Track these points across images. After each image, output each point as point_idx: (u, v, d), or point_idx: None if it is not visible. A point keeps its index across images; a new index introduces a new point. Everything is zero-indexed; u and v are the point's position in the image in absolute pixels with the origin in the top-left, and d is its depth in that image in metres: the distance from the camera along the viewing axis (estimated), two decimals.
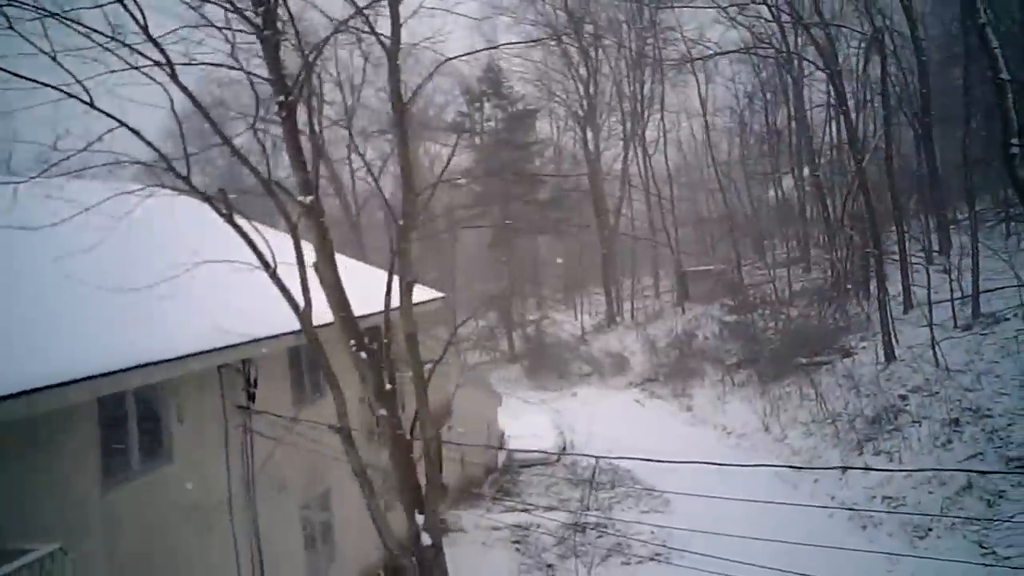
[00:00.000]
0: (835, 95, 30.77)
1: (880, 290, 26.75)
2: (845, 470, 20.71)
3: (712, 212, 49.22)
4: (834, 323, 30.68)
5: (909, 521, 17.16)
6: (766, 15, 35.89)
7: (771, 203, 46.82)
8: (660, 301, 48.35)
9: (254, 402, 11.67)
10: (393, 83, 9.90)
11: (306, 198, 9.03)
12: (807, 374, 26.51)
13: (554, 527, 18.08)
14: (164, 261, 8.97)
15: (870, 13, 32.75)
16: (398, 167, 10.73)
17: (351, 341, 9.58)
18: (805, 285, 37.78)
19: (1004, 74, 16.04)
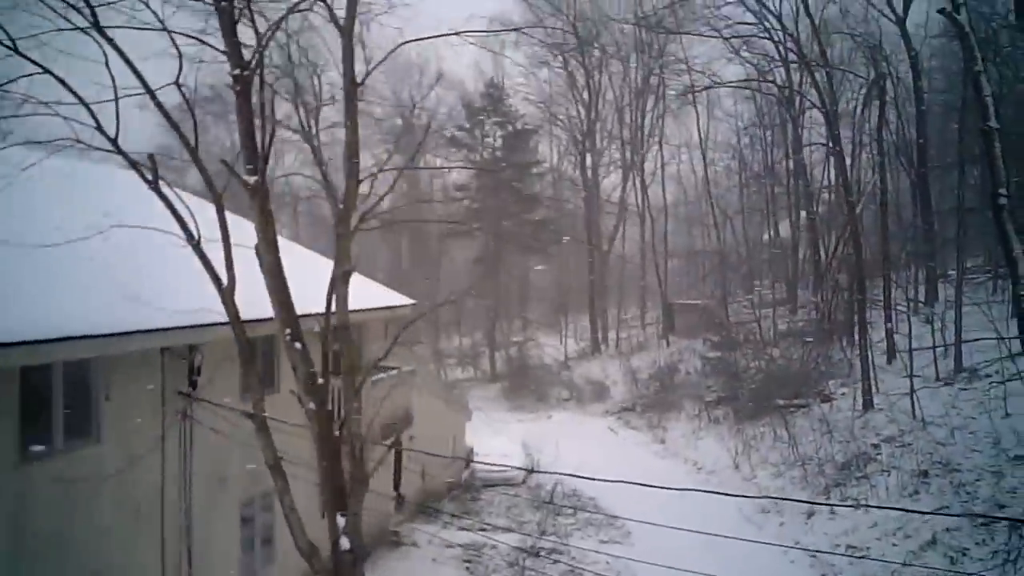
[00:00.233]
0: (831, 137, 30.61)
1: (862, 337, 26.49)
2: (811, 516, 20.51)
3: (705, 246, 49.06)
4: (816, 367, 30.39)
5: (873, 573, 16.85)
6: (772, 52, 35.97)
7: (764, 243, 46.66)
8: (645, 332, 48.06)
9: (196, 389, 11.33)
10: (347, 63, 9.65)
11: (251, 178, 8.73)
12: (783, 416, 26.20)
13: (508, 550, 17.63)
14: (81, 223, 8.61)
15: (875, 59, 32.85)
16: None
17: (287, 330, 9.24)
18: (791, 326, 37.54)
19: (992, 122, 15.91)
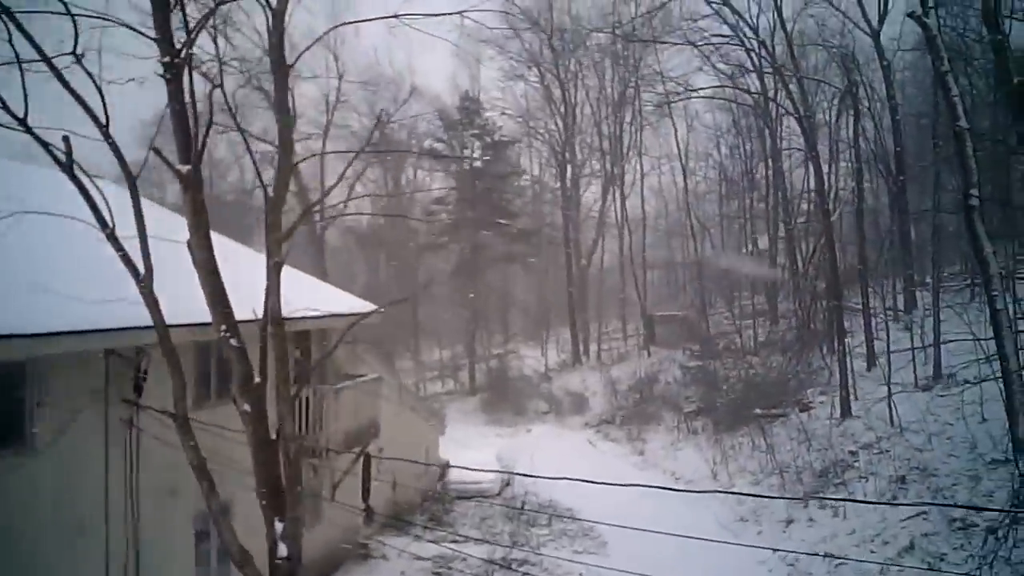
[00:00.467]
0: (807, 143, 30.55)
1: (840, 344, 26.32)
2: (789, 524, 20.21)
3: (685, 258, 48.91)
4: (795, 376, 30.20)
5: None
6: (747, 63, 36.00)
7: (744, 253, 46.57)
8: (626, 344, 47.79)
9: (141, 395, 10.87)
10: (276, 43, 9.31)
11: (184, 167, 8.37)
12: (761, 425, 25.99)
13: (479, 562, 17.18)
14: None
15: (848, 69, 32.89)
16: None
17: (222, 327, 8.85)
18: (771, 336, 37.39)
19: (963, 122, 15.76)
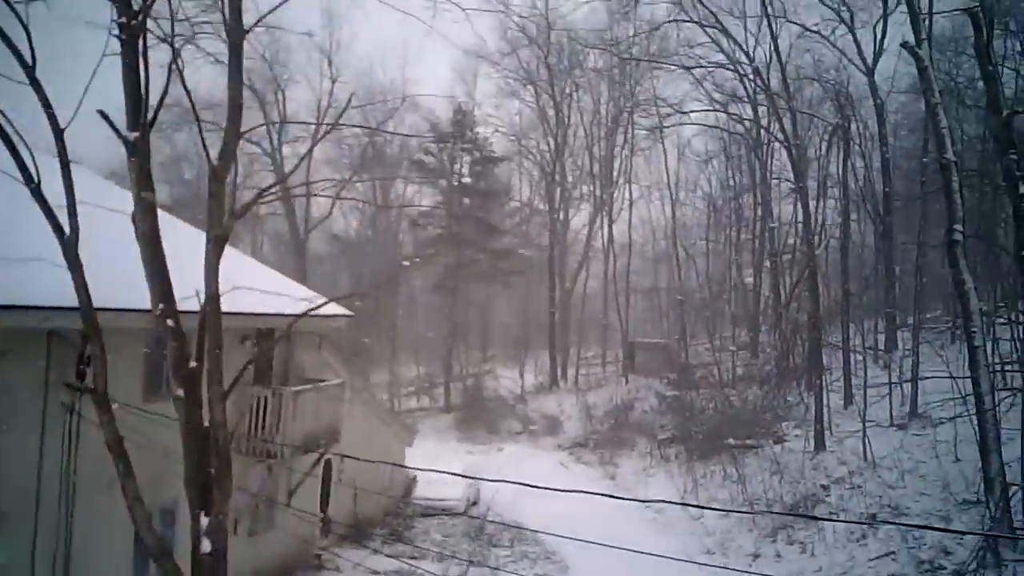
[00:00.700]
0: (796, 174, 30.45)
1: (817, 378, 26.09)
2: (756, 558, 19.76)
3: (670, 284, 48.64)
4: (771, 409, 29.92)
5: None
6: (740, 92, 36.02)
7: (728, 284, 46.42)
8: (605, 370, 47.40)
9: (85, 381, 10.39)
10: (234, 11, 8.98)
11: (132, 134, 8.00)
12: (734, 456, 25.62)
13: None
14: None
15: (841, 105, 32.95)
16: None
17: (160, 305, 8.42)
18: (749, 369, 37.13)
19: (950, 155, 15.59)
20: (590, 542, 11.44)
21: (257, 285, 13.47)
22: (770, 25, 30.54)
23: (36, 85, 7.90)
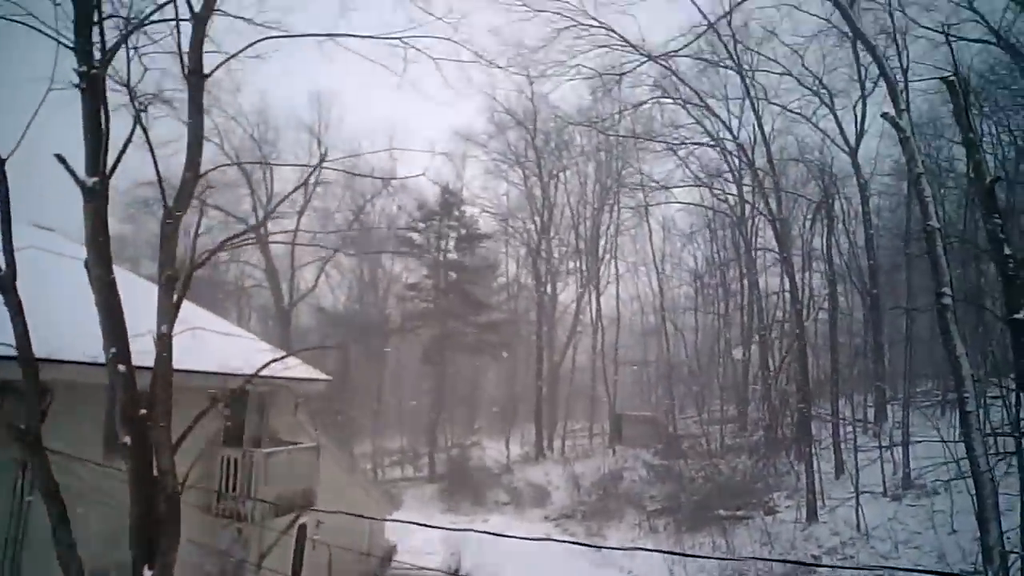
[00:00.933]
0: (780, 248, 30.75)
1: (808, 448, 25.86)
2: None
3: (658, 357, 48.54)
4: (761, 479, 29.54)
5: None
6: (724, 169, 36.64)
7: (716, 356, 46.35)
8: (592, 441, 46.88)
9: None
10: (195, 51, 9.07)
11: (89, 179, 8.06)
12: (724, 527, 25.16)
13: None
14: None
15: (824, 181, 33.54)
16: None
17: (112, 349, 8.29)
18: (739, 441, 36.81)
19: (934, 222, 15.78)
20: None
21: (217, 338, 13.17)
22: (753, 107, 31.29)
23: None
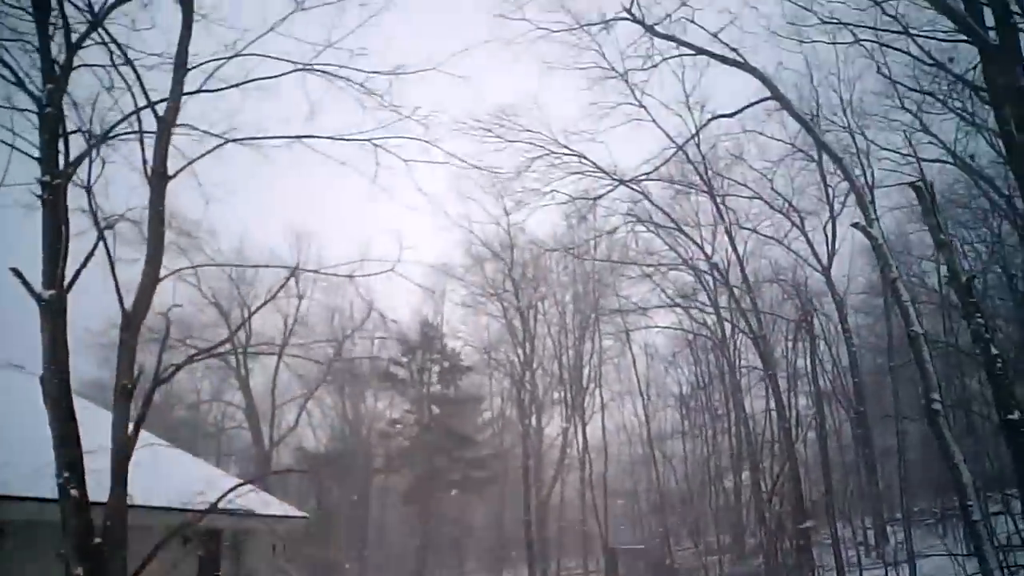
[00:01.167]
0: (764, 364, 30.60)
1: (810, 572, 24.82)
2: None
3: (648, 489, 47.38)
4: None
5: None
6: (700, 288, 37.00)
7: (707, 484, 45.27)
8: None
9: None
10: (160, 152, 9.09)
11: (46, 292, 7.87)
12: None
13: None
14: None
15: (802, 302, 33.84)
16: None
17: (65, 474, 7.82)
18: (736, 569, 35.40)
19: (916, 327, 15.76)
20: None
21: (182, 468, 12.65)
22: (726, 228, 31.88)
23: None
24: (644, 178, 25.66)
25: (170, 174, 9.23)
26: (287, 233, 46.61)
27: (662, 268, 35.95)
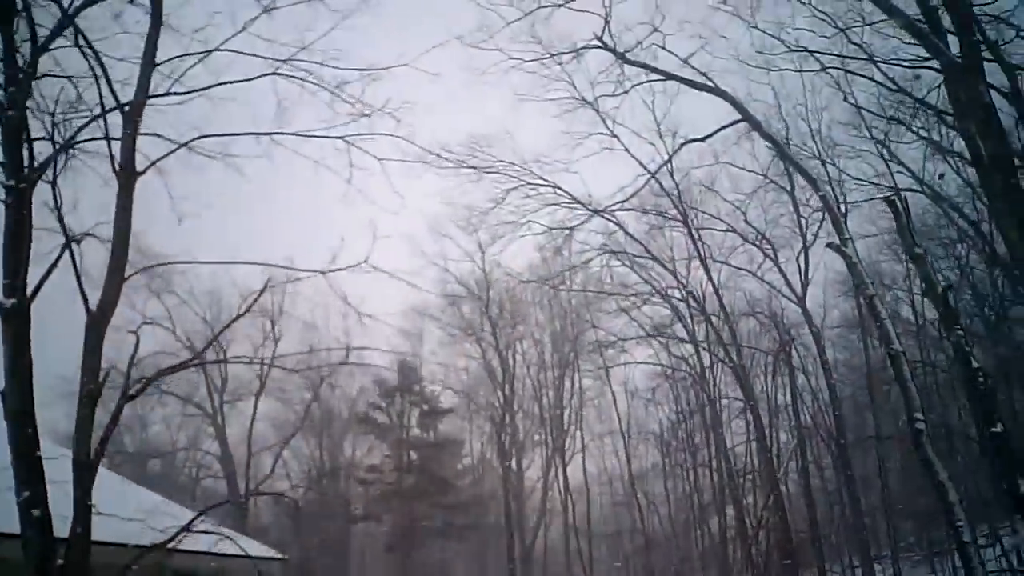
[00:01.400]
0: (744, 394, 30.47)
1: None
2: None
3: (631, 531, 46.63)
4: None
5: None
6: (677, 325, 36.93)
7: (692, 524, 44.74)
8: None
9: None
10: (126, 147, 8.87)
11: (7, 300, 7.60)
12: None
13: None
14: None
15: (780, 332, 33.91)
16: None
17: (25, 492, 7.45)
18: None
19: (896, 345, 15.73)
20: None
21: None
22: (700, 256, 31.90)
23: None
24: (618, 207, 25.71)
25: (139, 170, 9.00)
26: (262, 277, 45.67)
27: (639, 299, 35.82)
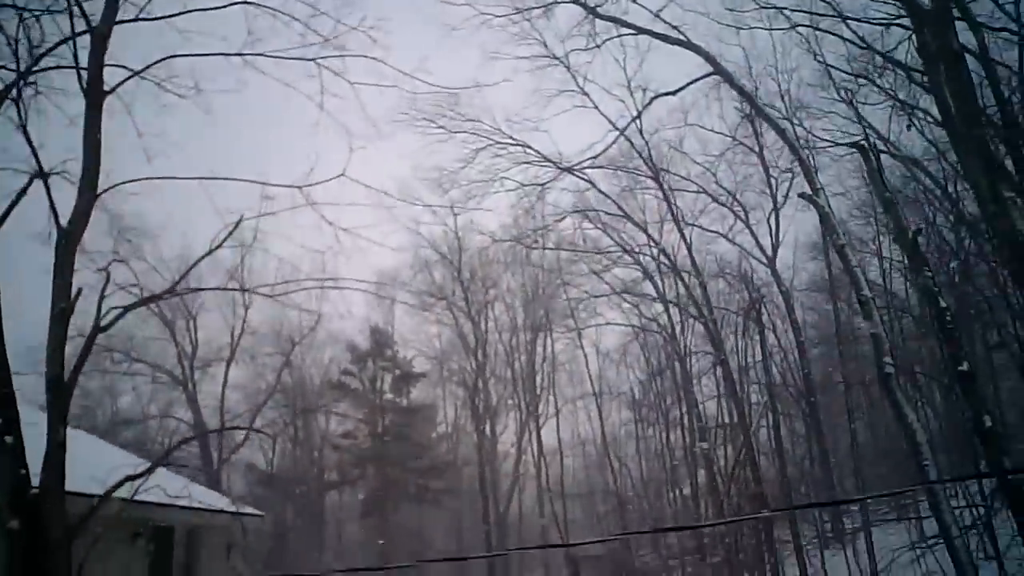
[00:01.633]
0: (714, 348, 30.68)
1: (771, 558, 24.83)
2: None
3: (604, 492, 47.13)
4: None
5: None
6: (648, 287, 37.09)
7: (665, 486, 45.24)
8: None
9: None
10: (95, 64, 8.67)
11: None
12: None
13: None
14: None
15: (748, 288, 34.12)
16: None
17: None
18: (700, 569, 35.27)
19: (866, 291, 15.87)
20: None
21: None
22: (675, 217, 31.95)
23: None
24: (589, 164, 25.64)
25: (107, 89, 8.76)
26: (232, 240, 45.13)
27: (610, 260, 35.93)
